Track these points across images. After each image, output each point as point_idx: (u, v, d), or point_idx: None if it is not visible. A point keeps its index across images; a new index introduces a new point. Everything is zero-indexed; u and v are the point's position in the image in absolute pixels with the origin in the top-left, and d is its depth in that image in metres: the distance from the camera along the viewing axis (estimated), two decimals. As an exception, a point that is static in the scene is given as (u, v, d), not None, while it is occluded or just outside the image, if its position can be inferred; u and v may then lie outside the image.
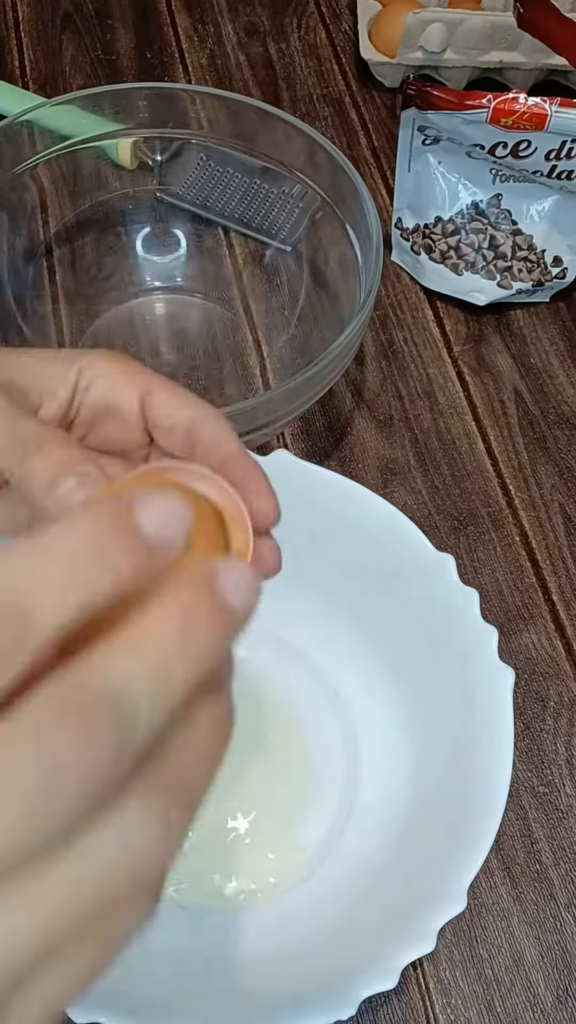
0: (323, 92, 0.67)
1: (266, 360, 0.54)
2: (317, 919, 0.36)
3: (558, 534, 0.50)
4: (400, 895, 0.34)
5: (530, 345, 0.56)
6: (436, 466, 0.52)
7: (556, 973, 0.39)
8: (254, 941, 0.36)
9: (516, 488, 0.51)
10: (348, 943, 0.34)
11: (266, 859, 0.39)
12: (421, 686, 0.39)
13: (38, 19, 0.69)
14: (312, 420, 0.53)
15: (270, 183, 0.55)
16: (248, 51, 0.69)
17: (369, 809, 0.39)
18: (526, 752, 0.44)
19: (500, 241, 0.56)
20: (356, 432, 0.53)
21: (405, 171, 0.56)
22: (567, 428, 0.53)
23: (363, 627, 0.41)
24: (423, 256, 0.57)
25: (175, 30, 0.69)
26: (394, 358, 0.55)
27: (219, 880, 0.38)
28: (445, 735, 0.36)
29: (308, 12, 0.71)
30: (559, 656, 0.46)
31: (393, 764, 0.39)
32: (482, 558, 0.49)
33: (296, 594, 0.43)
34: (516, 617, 0.47)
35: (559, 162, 0.52)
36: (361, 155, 0.64)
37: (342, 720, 0.41)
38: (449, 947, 0.39)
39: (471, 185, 0.55)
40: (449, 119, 0.51)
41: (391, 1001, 0.38)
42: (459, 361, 0.56)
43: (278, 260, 0.56)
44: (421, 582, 0.38)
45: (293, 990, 0.32)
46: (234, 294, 0.56)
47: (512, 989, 0.39)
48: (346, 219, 0.49)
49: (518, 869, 0.41)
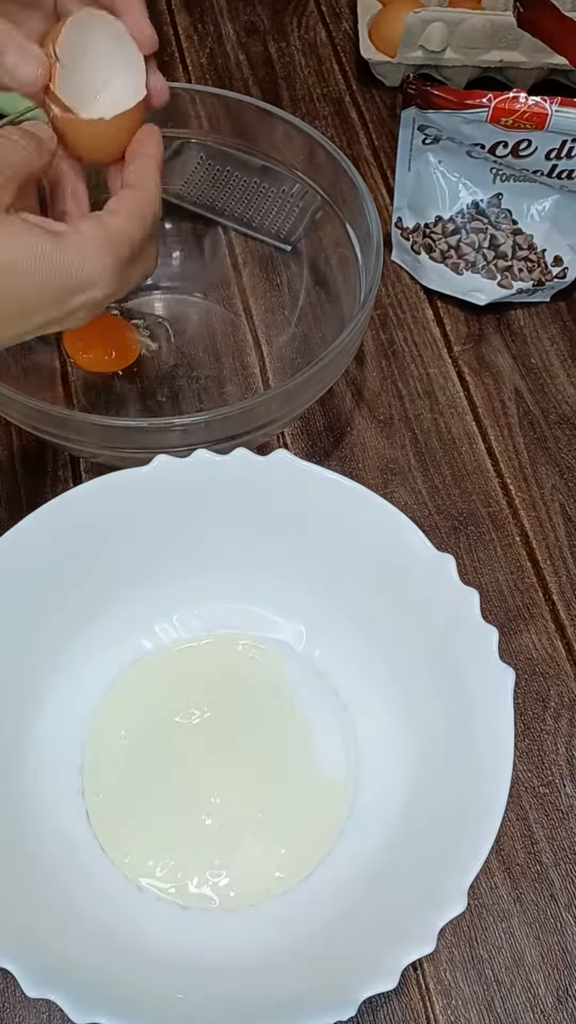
0: (323, 91, 0.67)
1: (266, 360, 0.54)
2: (317, 919, 0.36)
3: (558, 534, 0.50)
4: (400, 896, 0.34)
5: (530, 345, 0.56)
6: (436, 466, 0.51)
7: (556, 974, 0.39)
8: (254, 942, 0.36)
9: (516, 488, 0.51)
10: (348, 943, 0.34)
11: (265, 860, 0.38)
12: (421, 686, 0.38)
13: (38, 18, 0.69)
14: (312, 420, 0.53)
15: (270, 182, 0.54)
16: (248, 50, 0.69)
17: (369, 809, 0.39)
18: (526, 752, 0.43)
19: (500, 241, 0.56)
20: (356, 432, 0.52)
21: (405, 170, 0.56)
22: (568, 428, 0.53)
23: (363, 627, 0.41)
24: (423, 256, 0.57)
25: (175, 29, 0.69)
26: (394, 358, 0.55)
27: (218, 881, 0.38)
28: (445, 735, 0.36)
29: (308, 11, 0.71)
30: (559, 656, 0.46)
31: (393, 764, 0.39)
32: (482, 558, 0.49)
33: (295, 594, 0.43)
34: (516, 617, 0.47)
35: (559, 161, 0.52)
36: (361, 154, 0.64)
37: (342, 720, 0.41)
38: (449, 948, 0.39)
39: (471, 184, 0.55)
40: (449, 118, 0.51)
41: (391, 1002, 0.38)
42: (459, 361, 0.56)
43: (278, 260, 0.56)
44: (421, 582, 0.38)
45: (293, 990, 0.32)
46: (234, 293, 0.56)
47: (512, 990, 0.39)
48: (346, 218, 0.49)
49: (518, 870, 0.41)
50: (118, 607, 0.42)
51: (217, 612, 0.43)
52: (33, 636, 0.39)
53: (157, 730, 0.41)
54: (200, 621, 0.43)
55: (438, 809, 0.35)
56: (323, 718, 0.41)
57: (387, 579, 0.39)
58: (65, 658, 0.41)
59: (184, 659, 0.43)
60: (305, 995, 0.31)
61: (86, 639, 0.41)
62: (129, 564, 0.41)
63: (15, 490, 0.50)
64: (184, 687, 0.42)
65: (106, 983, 0.31)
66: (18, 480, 0.50)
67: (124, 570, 0.41)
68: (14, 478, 0.50)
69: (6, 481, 0.50)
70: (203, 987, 0.33)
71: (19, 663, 0.39)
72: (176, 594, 0.43)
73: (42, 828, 0.37)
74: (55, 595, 0.39)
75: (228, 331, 0.55)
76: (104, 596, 0.41)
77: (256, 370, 0.54)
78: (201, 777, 0.40)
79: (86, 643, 0.41)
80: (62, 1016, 0.33)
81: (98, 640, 0.42)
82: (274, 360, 0.54)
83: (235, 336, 0.55)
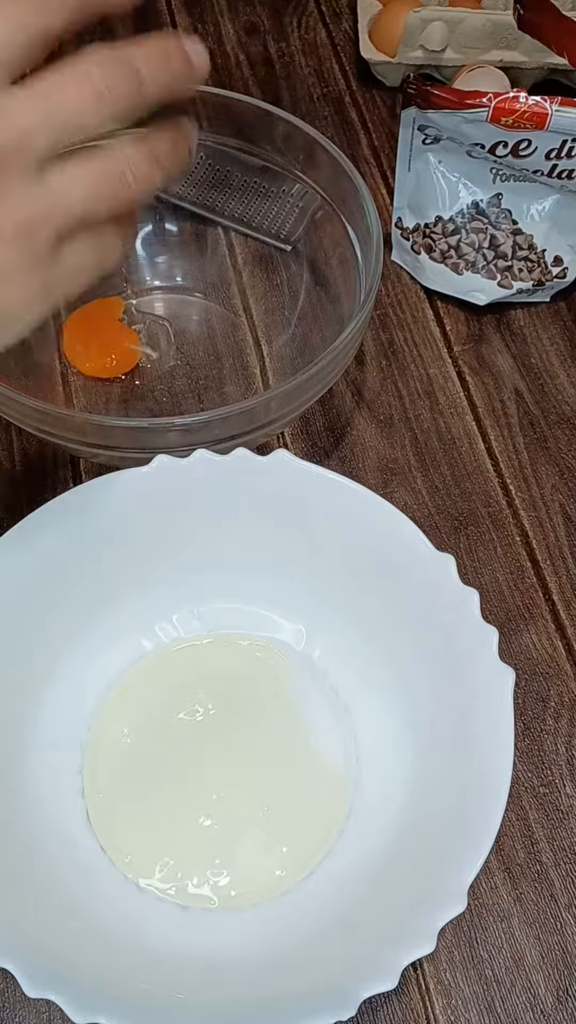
0: (323, 91, 0.67)
1: (266, 360, 0.54)
2: (317, 919, 0.36)
3: (558, 534, 0.50)
4: (400, 895, 0.34)
5: (531, 345, 0.56)
6: (436, 466, 0.51)
7: (556, 974, 0.39)
8: (254, 942, 0.36)
9: (516, 488, 0.51)
10: (348, 943, 0.34)
11: (265, 860, 0.38)
12: (421, 686, 0.38)
13: (38, 18, 0.69)
14: (312, 420, 0.53)
15: (270, 182, 0.54)
16: (248, 50, 0.69)
17: (369, 809, 0.39)
18: (526, 752, 0.43)
19: (500, 241, 0.56)
20: (356, 432, 0.52)
21: (405, 170, 0.56)
22: (568, 428, 0.53)
23: (363, 627, 0.41)
24: (423, 255, 0.57)
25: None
26: (394, 358, 0.55)
27: (218, 880, 0.38)
28: (445, 735, 0.36)
29: (308, 11, 0.71)
30: (559, 656, 0.46)
31: (393, 764, 0.39)
32: (482, 558, 0.49)
33: (295, 594, 0.43)
34: (516, 617, 0.47)
35: (559, 161, 0.52)
36: (361, 154, 0.64)
37: (342, 720, 0.41)
38: (449, 948, 0.39)
39: (471, 184, 0.55)
40: (449, 118, 0.51)
41: (391, 1002, 0.38)
42: (459, 361, 0.55)
43: (278, 259, 0.56)
44: (421, 582, 0.38)
45: (293, 991, 0.32)
46: (234, 293, 0.56)
47: (512, 990, 0.39)
48: (346, 218, 0.49)
49: (518, 870, 0.41)
50: (118, 607, 0.42)
51: (217, 612, 0.43)
52: (33, 636, 0.39)
53: (157, 730, 0.41)
54: (200, 621, 0.43)
55: (438, 809, 0.35)
56: (323, 718, 0.41)
57: (387, 579, 0.39)
58: (65, 658, 0.41)
59: (184, 659, 0.43)
60: (305, 995, 0.31)
61: (86, 639, 0.41)
62: (129, 564, 0.41)
63: (15, 490, 0.50)
64: (184, 687, 0.42)
65: (106, 983, 0.31)
66: (18, 480, 0.50)
67: (124, 570, 0.41)
68: (14, 478, 0.50)
69: (6, 481, 0.50)
70: (203, 987, 0.33)
71: (19, 663, 0.39)
72: (176, 594, 0.43)
73: (42, 828, 0.37)
74: (55, 595, 0.39)
75: (228, 331, 0.55)
76: (104, 596, 0.41)
77: (256, 370, 0.54)
78: (201, 777, 0.40)
79: (86, 643, 0.41)
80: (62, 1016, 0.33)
81: (98, 640, 0.42)
82: (274, 360, 0.54)
83: (235, 336, 0.55)
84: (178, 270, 0.57)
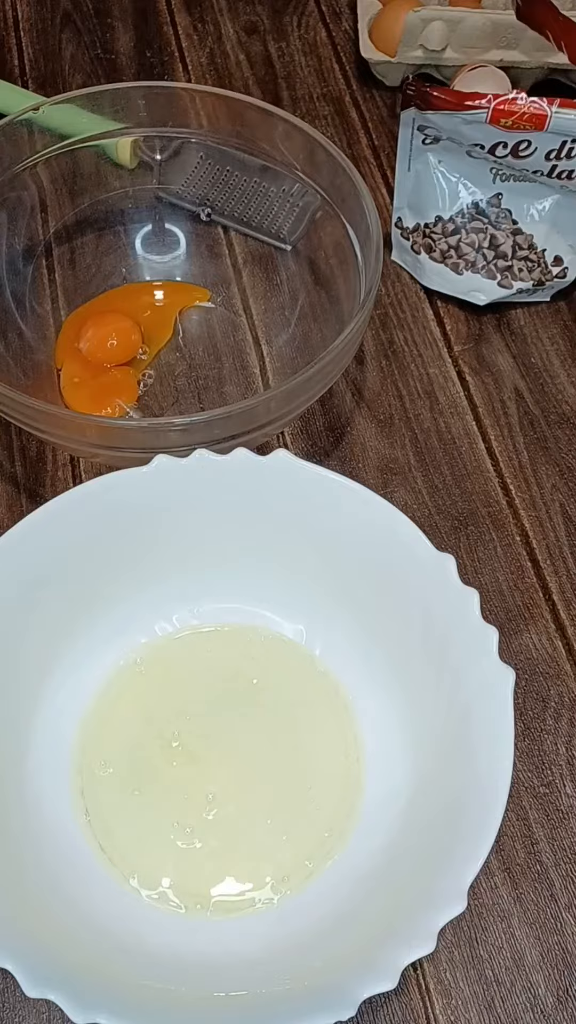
0: (323, 91, 0.67)
1: (266, 359, 0.54)
2: (317, 919, 0.36)
3: (559, 534, 0.50)
4: (400, 895, 0.34)
5: (531, 345, 0.56)
6: (436, 466, 0.51)
7: (557, 974, 0.39)
8: (253, 942, 0.36)
9: (516, 488, 0.51)
10: (348, 943, 0.34)
11: (263, 861, 0.38)
12: (421, 686, 0.38)
13: (38, 18, 0.69)
14: (312, 420, 0.53)
15: (270, 182, 0.54)
16: (248, 50, 0.69)
17: (369, 809, 0.39)
18: (526, 753, 0.43)
19: (500, 241, 0.56)
20: (356, 432, 0.52)
21: (405, 170, 0.56)
22: (568, 428, 0.53)
23: (363, 627, 0.41)
24: (423, 255, 0.57)
25: (175, 29, 0.69)
26: (394, 357, 0.55)
27: (216, 881, 0.38)
28: (445, 735, 0.36)
29: (308, 11, 0.71)
30: (560, 656, 0.46)
31: (393, 764, 0.39)
32: (482, 558, 0.49)
33: (295, 594, 0.43)
34: (516, 617, 0.47)
35: (559, 162, 0.52)
36: (361, 154, 0.64)
37: (341, 720, 0.41)
38: (449, 948, 0.39)
39: (471, 185, 0.55)
40: (449, 119, 0.51)
41: (391, 1002, 0.38)
42: (459, 361, 0.55)
43: (278, 259, 0.56)
44: (421, 582, 0.38)
45: (292, 991, 0.32)
46: (234, 293, 0.56)
47: (512, 990, 0.39)
48: (346, 218, 0.49)
49: (519, 870, 0.41)
50: (118, 607, 0.42)
51: (217, 612, 0.43)
52: (33, 636, 0.39)
53: (157, 730, 0.41)
54: (200, 621, 0.43)
55: (438, 809, 0.35)
56: (323, 718, 0.41)
57: (387, 579, 0.39)
58: (64, 658, 0.41)
59: (184, 656, 0.43)
60: (305, 995, 0.31)
61: (86, 639, 0.41)
62: (129, 564, 0.41)
63: (15, 490, 0.50)
64: (184, 686, 0.42)
65: (106, 983, 0.31)
66: (18, 480, 0.50)
67: (124, 570, 0.41)
68: (14, 478, 0.50)
69: (6, 481, 0.50)
70: (203, 987, 0.33)
71: (18, 663, 0.39)
72: (176, 594, 0.43)
73: (41, 828, 0.37)
74: (55, 595, 0.39)
75: (228, 331, 0.55)
76: (104, 596, 0.41)
77: (256, 370, 0.54)
78: (201, 777, 0.40)
79: (86, 643, 0.41)
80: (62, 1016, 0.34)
81: (98, 640, 0.42)
82: (274, 360, 0.54)
83: (235, 336, 0.55)
84: (178, 270, 0.57)
